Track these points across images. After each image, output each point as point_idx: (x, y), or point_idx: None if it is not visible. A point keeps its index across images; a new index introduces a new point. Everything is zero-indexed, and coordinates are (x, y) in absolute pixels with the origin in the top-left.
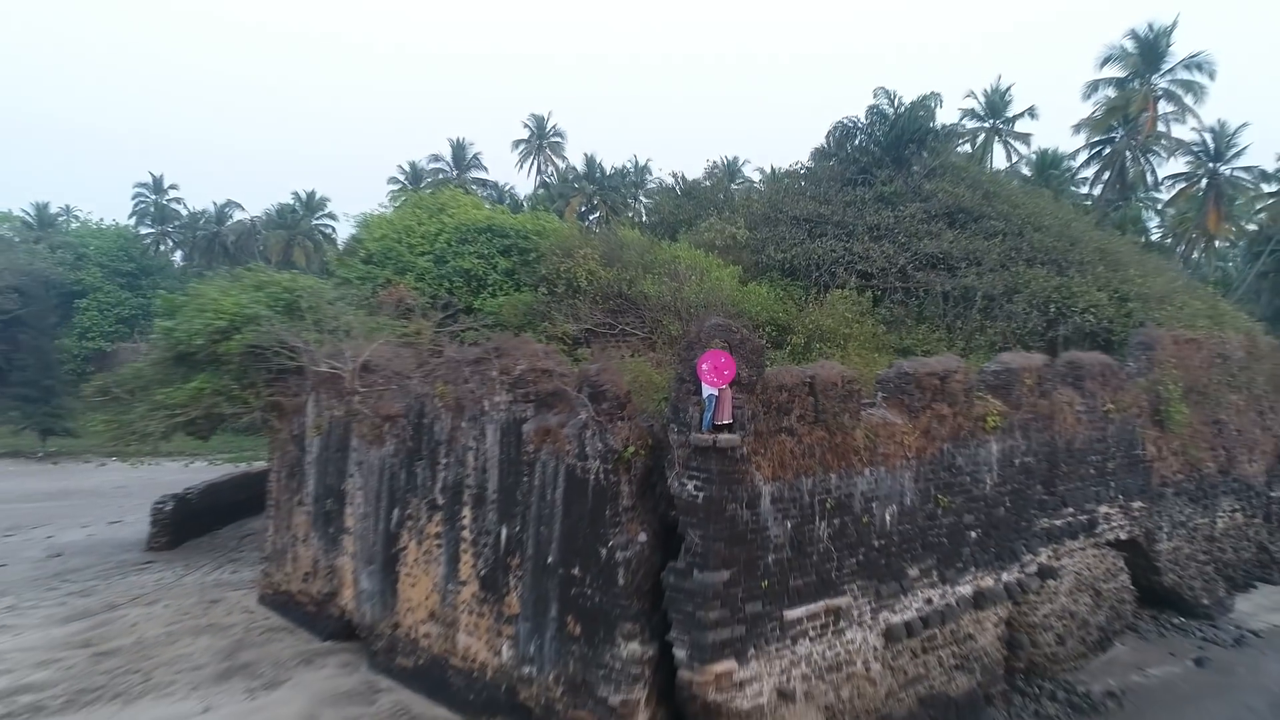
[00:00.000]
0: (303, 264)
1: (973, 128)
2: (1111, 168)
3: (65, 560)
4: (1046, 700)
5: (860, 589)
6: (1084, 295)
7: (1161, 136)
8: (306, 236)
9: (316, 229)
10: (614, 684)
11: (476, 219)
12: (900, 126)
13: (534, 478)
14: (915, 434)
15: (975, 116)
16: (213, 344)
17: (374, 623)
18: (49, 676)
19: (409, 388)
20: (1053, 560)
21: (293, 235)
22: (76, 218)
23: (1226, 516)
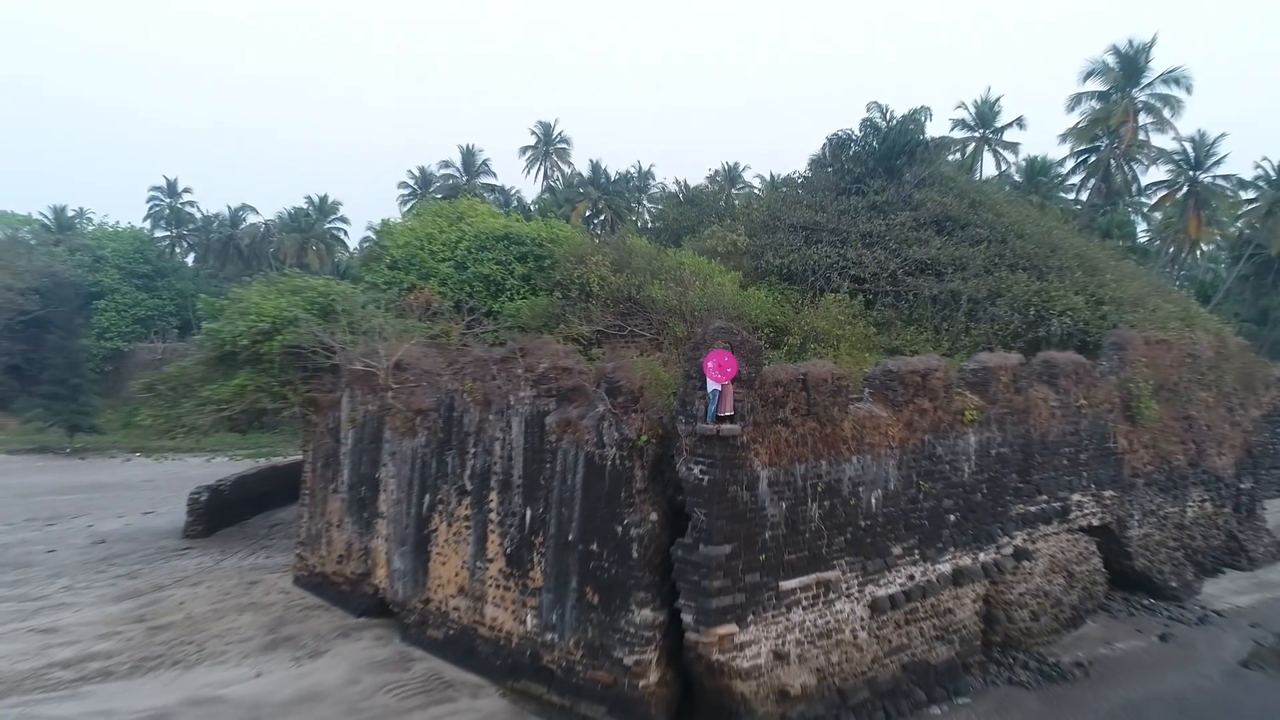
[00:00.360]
0: (316, 266)
1: (963, 137)
2: (1096, 175)
3: (109, 547)
4: (1020, 669)
5: (848, 564)
6: (1062, 299)
7: (1143, 146)
8: (320, 239)
9: (329, 232)
10: (628, 646)
11: (494, 227)
12: (892, 139)
13: (556, 464)
14: (898, 426)
15: (966, 126)
16: (255, 344)
17: (406, 599)
18: (112, 646)
19: (439, 384)
20: (1028, 543)
21: (306, 238)
22: (90, 220)
23: (1196, 506)
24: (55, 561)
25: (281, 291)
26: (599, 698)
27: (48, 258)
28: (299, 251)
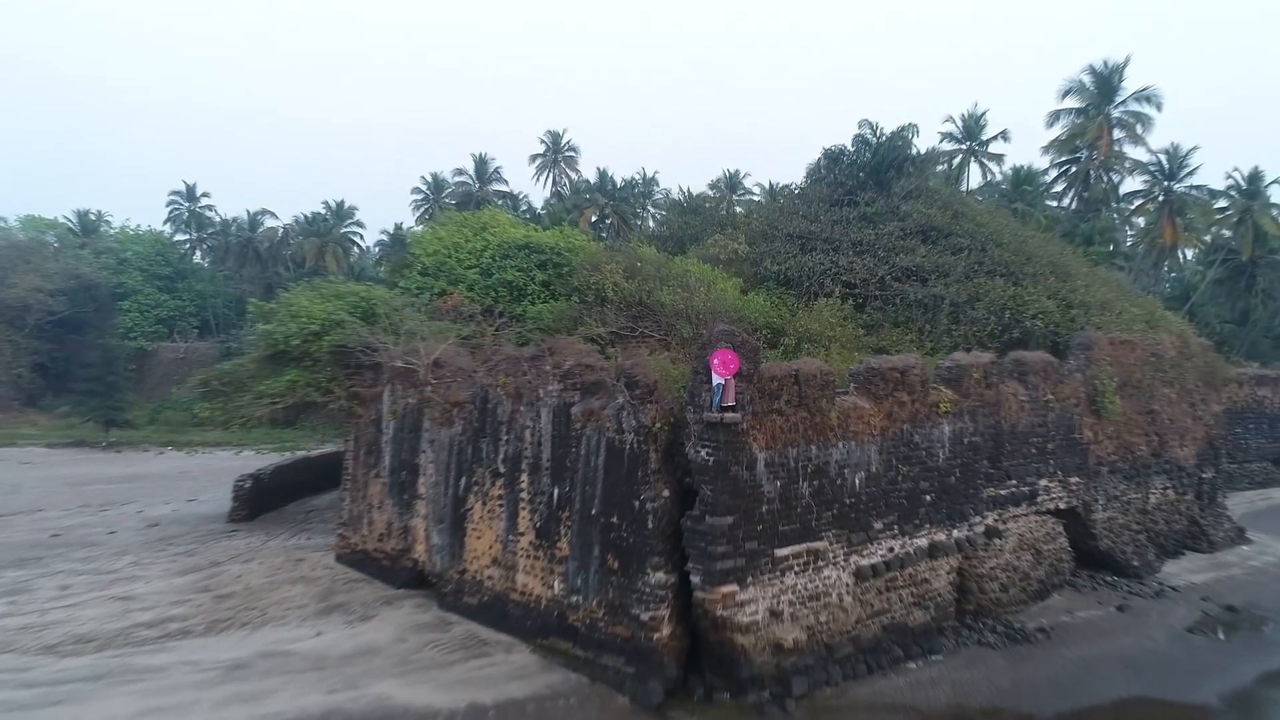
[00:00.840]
0: (334, 269)
1: (951, 149)
2: (1077, 184)
3: (162, 529)
4: (988, 633)
5: (835, 536)
6: (1035, 303)
7: (1121, 158)
8: (337, 243)
9: (345, 236)
10: (644, 605)
11: (515, 237)
12: (881, 154)
13: (580, 449)
14: (879, 416)
15: (953, 139)
16: (305, 344)
17: (444, 570)
18: (185, 611)
19: (473, 380)
20: (998, 523)
21: (325, 242)
22: (107, 222)
23: (1159, 493)
24: (117, 541)
25: (326, 296)
26: (618, 650)
27: (74, 260)
28: (317, 254)
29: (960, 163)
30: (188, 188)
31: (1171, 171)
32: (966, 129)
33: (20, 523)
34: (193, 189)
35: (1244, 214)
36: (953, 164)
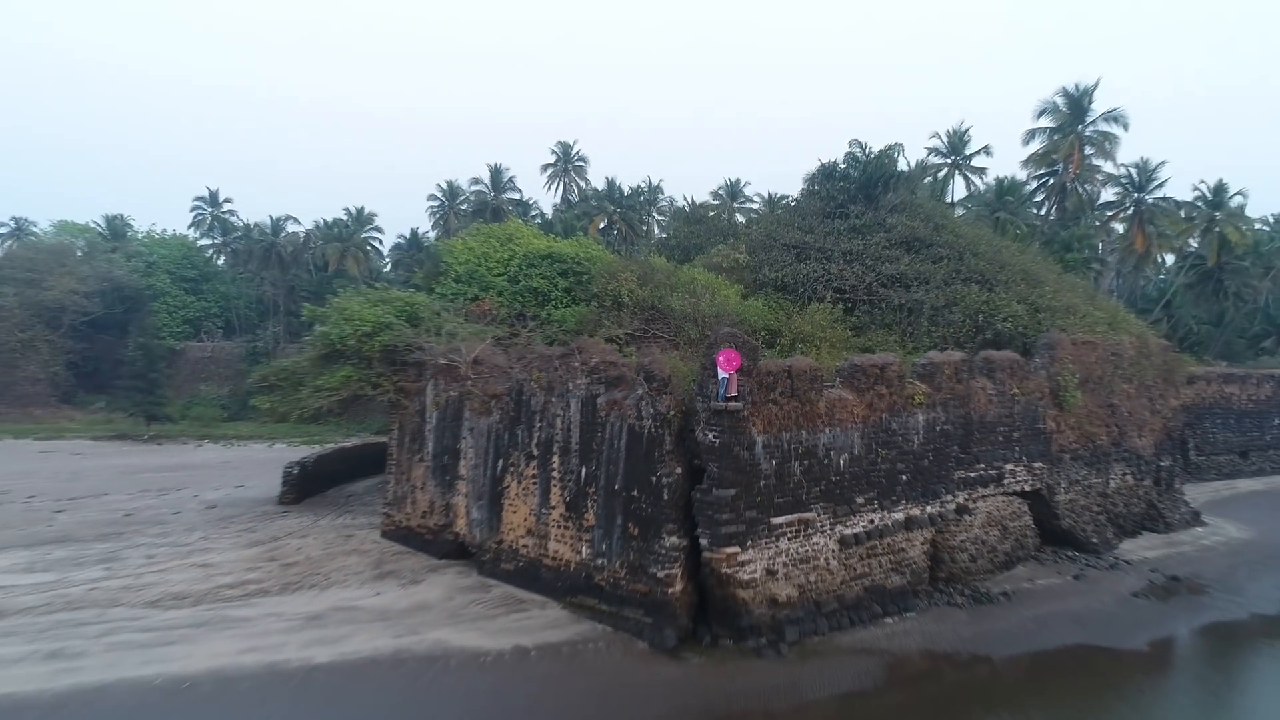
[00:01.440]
0: (355, 272)
1: (938, 163)
2: (1054, 196)
3: (220, 511)
4: (957, 596)
5: (822, 508)
6: (1005, 307)
7: (1092, 172)
8: (358, 248)
9: (366, 240)
10: (660, 565)
11: (538, 247)
12: (870, 171)
13: (605, 433)
14: (861, 406)
15: (939, 153)
16: (359, 344)
17: (483, 541)
18: (259, 575)
19: (509, 375)
20: (968, 502)
21: (346, 247)
22: (129, 225)
23: (1118, 478)
24: (183, 520)
25: (374, 301)
26: (638, 604)
27: (107, 264)
28: (340, 259)
29: (946, 175)
30: (211, 193)
31: (1141, 184)
32: (952, 144)
33: (91, 505)
34: (215, 194)
35: (1210, 223)
36: (938, 176)
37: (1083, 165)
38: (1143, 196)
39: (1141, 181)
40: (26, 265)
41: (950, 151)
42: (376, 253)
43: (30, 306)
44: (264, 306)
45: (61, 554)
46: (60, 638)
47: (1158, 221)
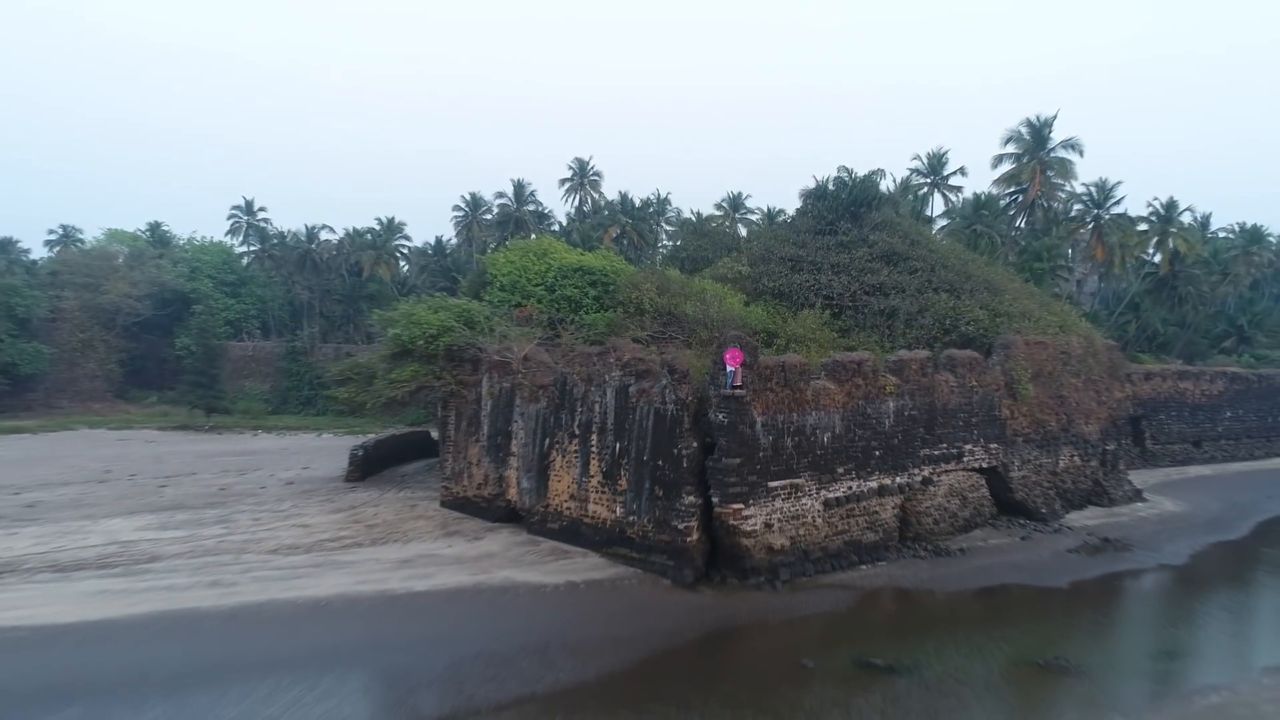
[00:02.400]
0: (387, 277)
1: (919, 182)
2: (1024, 211)
3: (298, 486)
4: (921, 550)
5: (809, 476)
6: (969, 313)
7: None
8: (390, 255)
9: (396, 248)
10: (680, 519)
11: (570, 261)
12: (855, 193)
13: (635, 415)
14: (842, 394)
15: (920, 174)
16: (425, 344)
17: (531, 506)
18: (350, 533)
19: (553, 369)
20: (932, 475)
21: (379, 254)
22: (164, 232)
23: (1067, 459)
24: (270, 493)
25: (436, 308)
26: (662, 550)
27: (155, 269)
28: (373, 264)
29: (926, 193)
30: (246, 202)
31: (1100, 201)
32: (931, 165)
33: (187, 481)
34: (251, 204)
35: (1162, 236)
36: (919, 194)
37: (1044, 186)
38: (1101, 212)
39: (1100, 199)
40: (84, 271)
41: (930, 171)
42: (406, 259)
43: (89, 309)
44: (295, 308)
45: (183, 517)
46: (213, 573)
47: (1115, 234)
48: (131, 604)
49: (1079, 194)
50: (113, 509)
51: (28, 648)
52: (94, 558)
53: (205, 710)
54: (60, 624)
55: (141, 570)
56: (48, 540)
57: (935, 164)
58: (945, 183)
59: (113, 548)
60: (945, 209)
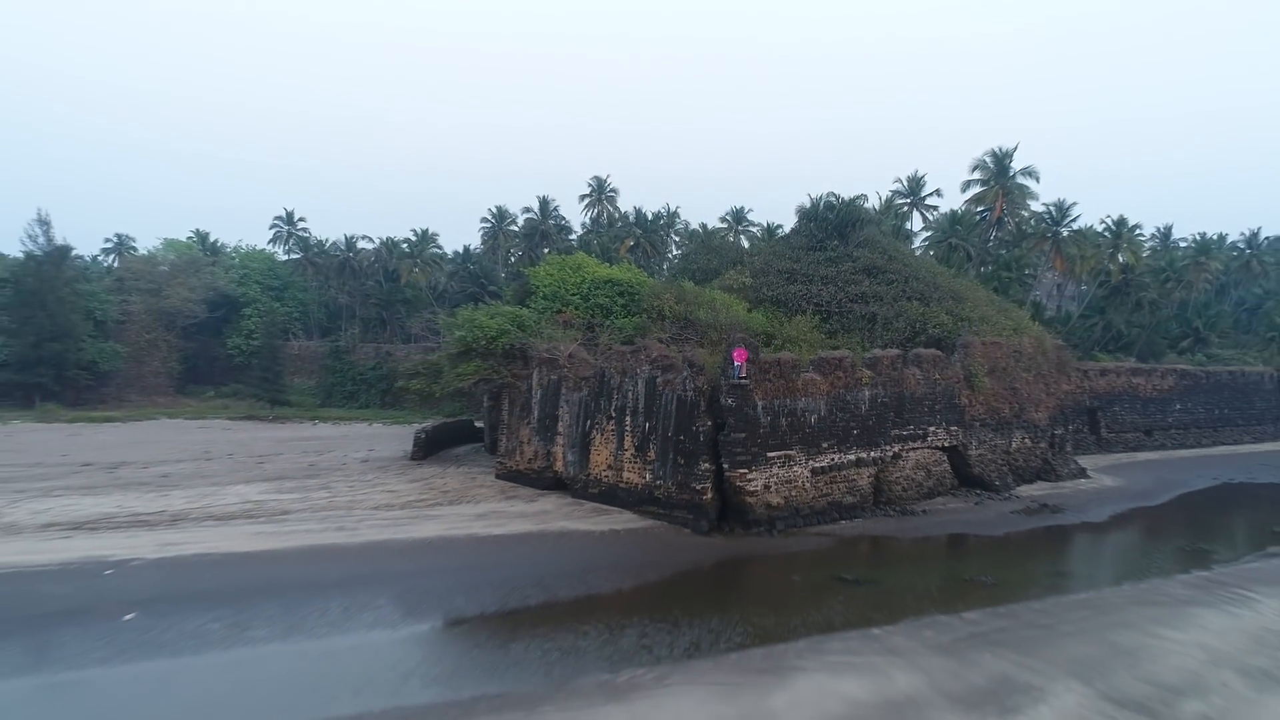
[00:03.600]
0: (422, 283)
1: (900, 202)
2: (991, 228)
3: (372, 464)
4: (891, 511)
5: (799, 448)
6: (935, 318)
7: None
8: (426, 263)
9: (431, 257)
10: (698, 482)
11: (601, 274)
12: (841, 215)
13: (661, 401)
14: (826, 384)
15: (900, 195)
16: (486, 344)
17: (575, 475)
18: (429, 496)
19: (593, 364)
20: (901, 451)
21: (416, 262)
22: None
23: (1018, 441)
24: (352, 469)
25: (493, 314)
26: (684, 507)
27: (210, 275)
28: (410, 272)
29: (906, 211)
30: (287, 213)
31: (1058, 219)
32: (911, 187)
33: (277, 460)
34: (291, 214)
35: (1113, 249)
36: (900, 212)
37: (1008, 206)
38: (1059, 229)
39: (1059, 217)
40: (147, 277)
41: (910, 193)
42: (438, 267)
43: (153, 312)
44: (331, 311)
45: (290, 485)
46: (336, 522)
47: (1072, 248)
48: (285, 541)
49: (1039, 213)
50: (231, 479)
51: (227, 566)
52: (239, 511)
53: (370, 596)
54: (242, 552)
55: (280, 520)
56: (195, 500)
57: (914, 186)
58: (923, 202)
59: (249, 505)
60: (924, 224)
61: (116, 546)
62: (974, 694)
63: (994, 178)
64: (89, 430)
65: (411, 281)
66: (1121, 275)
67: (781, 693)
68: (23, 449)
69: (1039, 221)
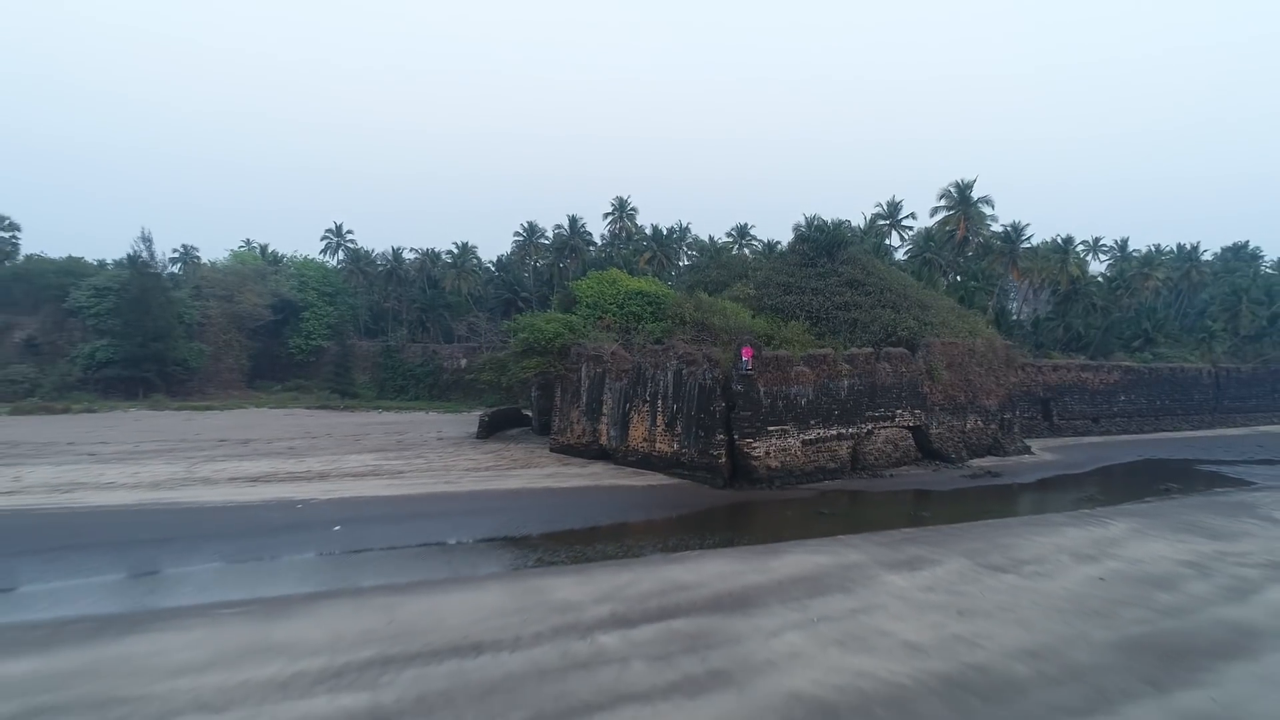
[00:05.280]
0: (465, 290)
1: (881, 224)
2: (958, 246)
3: (446, 441)
4: (864, 474)
5: (793, 425)
6: (904, 323)
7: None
8: (466, 272)
9: (472, 267)
10: (715, 450)
11: (632, 287)
12: (829, 236)
13: (686, 387)
14: (813, 375)
15: (881, 218)
16: (545, 344)
17: (616, 447)
18: (503, 463)
19: (631, 359)
20: (874, 429)
21: (460, 271)
22: (257, 248)
23: (972, 423)
24: (432, 445)
25: (549, 320)
26: (704, 469)
27: (275, 282)
28: (455, 280)
29: (886, 230)
30: (336, 226)
31: (1013, 238)
32: (889, 210)
33: (366, 439)
34: (340, 227)
35: (1061, 263)
36: (881, 231)
37: (970, 229)
38: (1015, 246)
39: (1014, 236)
40: (222, 285)
41: (889, 214)
42: (476, 276)
43: (228, 316)
44: (376, 314)
45: (391, 455)
46: (439, 478)
47: (1026, 262)
48: (409, 490)
49: (998, 232)
50: (343, 451)
51: (378, 504)
52: (366, 471)
53: (480, 521)
54: (384, 496)
55: (399, 476)
56: (328, 464)
57: (893, 210)
58: (900, 224)
59: (370, 467)
60: (902, 241)
61: (293, 492)
62: (897, 563)
63: (957, 205)
64: (198, 416)
65: (455, 289)
66: (1070, 284)
67: (775, 560)
68: (160, 430)
69: (998, 240)
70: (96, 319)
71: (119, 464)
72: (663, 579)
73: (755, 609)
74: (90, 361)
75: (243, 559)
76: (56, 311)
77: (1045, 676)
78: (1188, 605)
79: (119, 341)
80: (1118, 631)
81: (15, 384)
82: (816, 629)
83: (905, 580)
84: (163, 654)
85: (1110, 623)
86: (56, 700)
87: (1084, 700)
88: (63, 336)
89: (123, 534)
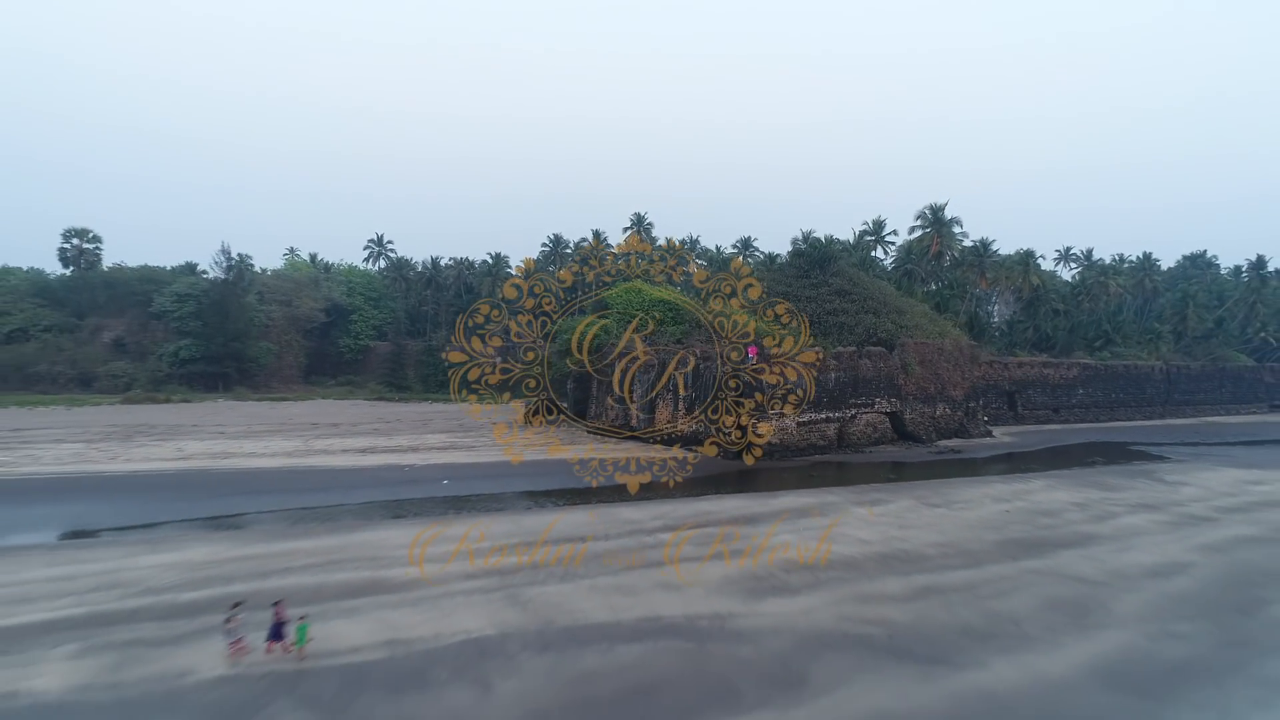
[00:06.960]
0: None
1: (868, 240)
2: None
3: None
4: (848, 451)
5: (789, 410)
6: (883, 326)
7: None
8: (499, 280)
9: (506, 274)
10: (727, 429)
11: (656, 295)
12: (820, 251)
13: (703, 379)
14: (806, 369)
15: (867, 235)
16: (586, 343)
17: (644, 427)
18: (553, 440)
19: (656, 355)
20: (857, 414)
21: (495, 279)
22: (299, 254)
23: (941, 410)
24: (486, 428)
25: (589, 325)
26: (718, 445)
27: (328, 288)
28: (491, 287)
29: (871, 245)
30: (378, 236)
31: (981, 251)
32: (875, 228)
33: (431, 423)
34: (381, 237)
35: (1024, 272)
36: (866, 247)
37: (943, 245)
38: (983, 259)
39: (981, 250)
40: (281, 291)
41: (874, 231)
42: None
43: (288, 319)
44: (414, 316)
45: (458, 434)
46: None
47: (992, 273)
48: (487, 459)
49: (969, 247)
50: (418, 432)
51: (464, 466)
52: (446, 446)
53: (547, 477)
54: (465, 463)
55: (472, 449)
56: (412, 441)
57: (878, 227)
58: (884, 239)
59: (446, 443)
60: (885, 255)
61: (396, 460)
62: (862, 501)
63: (931, 225)
64: (279, 406)
65: (493, 293)
66: (1032, 291)
67: (775, 500)
68: (256, 415)
69: (968, 254)
70: (179, 321)
71: (247, 440)
72: (695, 508)
73: (760, 523)
74: (175, 359)
75: (396, 496)
76: (141, 314)
77: (944, 554)
78: (1059, 525)
79: (201, 341)
80: (1003, 535)
81: (116, 378)
82: (801, 534)
83: (866, 511)
84: (394, 538)
85: (1000, 532)
86: (339, 558)
87: (964, 563)
88: (147, 336)
89: (289, 484)
